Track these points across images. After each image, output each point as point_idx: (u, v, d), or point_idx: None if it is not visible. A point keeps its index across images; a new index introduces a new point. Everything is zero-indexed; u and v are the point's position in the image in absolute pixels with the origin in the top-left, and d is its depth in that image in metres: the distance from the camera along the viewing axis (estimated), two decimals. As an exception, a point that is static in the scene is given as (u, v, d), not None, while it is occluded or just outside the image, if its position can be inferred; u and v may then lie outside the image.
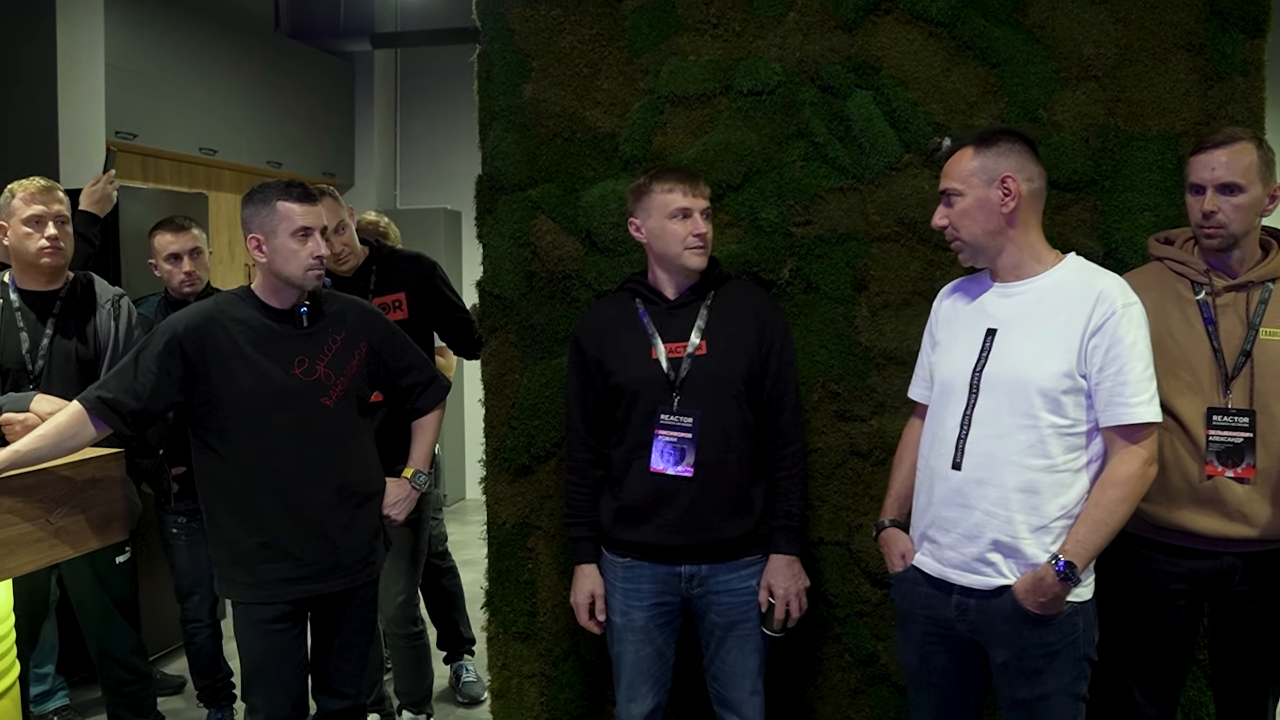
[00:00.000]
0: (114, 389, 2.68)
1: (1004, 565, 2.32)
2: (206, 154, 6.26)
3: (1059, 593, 2.25)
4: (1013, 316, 2.37)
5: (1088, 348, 2.27)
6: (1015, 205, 2.35)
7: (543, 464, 3.22)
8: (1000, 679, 2.38)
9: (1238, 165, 2.51)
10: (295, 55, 7.24)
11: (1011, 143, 2.38)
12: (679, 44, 3.07)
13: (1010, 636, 2.32)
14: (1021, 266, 2.39)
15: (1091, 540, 2.25)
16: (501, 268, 3.21)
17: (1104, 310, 2.27)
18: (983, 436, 2.33)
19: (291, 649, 2.83)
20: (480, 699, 4.40)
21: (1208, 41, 2.86)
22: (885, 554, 2.59)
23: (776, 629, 2.72)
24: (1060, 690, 2.32)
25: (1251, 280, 2.58)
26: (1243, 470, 2.51)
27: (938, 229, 2.45)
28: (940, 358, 2.50)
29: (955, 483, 2.36)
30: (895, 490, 2.64)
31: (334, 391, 2.79)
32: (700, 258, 2.68)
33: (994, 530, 2.31)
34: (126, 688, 3.55)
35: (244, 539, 2.75)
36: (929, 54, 2.95)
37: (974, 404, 2.36)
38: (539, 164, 3.17)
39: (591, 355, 2.75)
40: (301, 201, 2.72)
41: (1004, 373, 2.33)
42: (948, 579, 2.40)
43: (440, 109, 8.16)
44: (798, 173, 3.02)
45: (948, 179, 2.41)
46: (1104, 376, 2.26)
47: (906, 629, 2.54)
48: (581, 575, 2.80)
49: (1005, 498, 2.30)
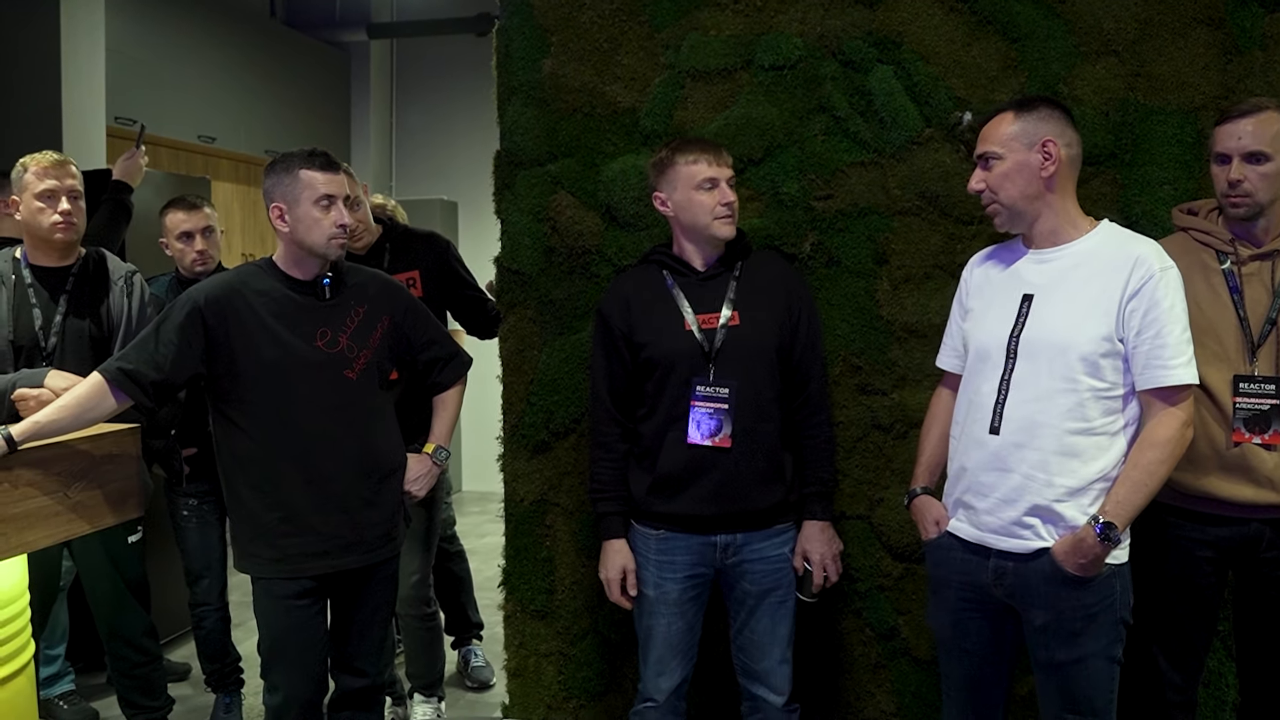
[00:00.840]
0: (134, 360, 2.65)
1: (1042, 528, 2.32)
2: (205, 141, 6.23)
3: (1099, 554, 2.25)
4: (1050, 282, 2.37)
5: (1125, 311, 2.28)
6: (1055, 169, 2.35)
7: (561, 440, 3.21)
8: (1037, 642, 2.38)
9: (1264, 134, 2.52)
10: (291, 45, 7.22)
11: (1051, 109, 2.38)
12: (699, 19, 3.07)
13: (1049, 598, 2.32)
14: (1058, 232, 2.40)
15: (1131, 501, 2.25)
16: (520, 243, 3.20)
17: (1142, 274, 2.27)
18: (1021, 401, 2.33)
19: (312, 626, 2.80)
20: (490, 683, 4.39)
21: (1227, 16, 2.88)
22: (919, 521, 2.59)
23: (814, 594, 2.73)
24: (1098, 653, 2.33)
25: (1276, 249, 2.59)
26: (1269, 437, 2.53)
27: (974, 193, 2.45)
28: (974, 325, 2.50)
29: (993, 447, 2.36)
30: (925, 458, 2.64)
31: (357, 364, 2.77)
32: (730, 226, 2.68)
33: (1033, 494, 2.31)
34: (137, 670, 3.52)
35: (265, 513, 2.72)
36: (950, 28, 2.96)
37: (1012, 369, 2.36)
38: (558, 139, 3.17)
39: (619, 329, 2.74)
40: (325, 170, 2.70)
41: (1043, 337, 2.33)
42: (985, 544, 2.40)
43: (436, 100, 8.14)
44: (819, 147, 3.02)
45: (986, 143, 2.41)
46: (1142, 340, 2.27)
47: (940, 596, 2.53)
48: (612, 550, 2.79)
49: (1045, 461, 2.30)
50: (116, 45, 5.46)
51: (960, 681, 2.53)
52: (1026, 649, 2.46)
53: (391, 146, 8.29)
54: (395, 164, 8.31)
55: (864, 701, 3.11)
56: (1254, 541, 2.59)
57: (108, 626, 3.47)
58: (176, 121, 6.05)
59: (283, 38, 7.17)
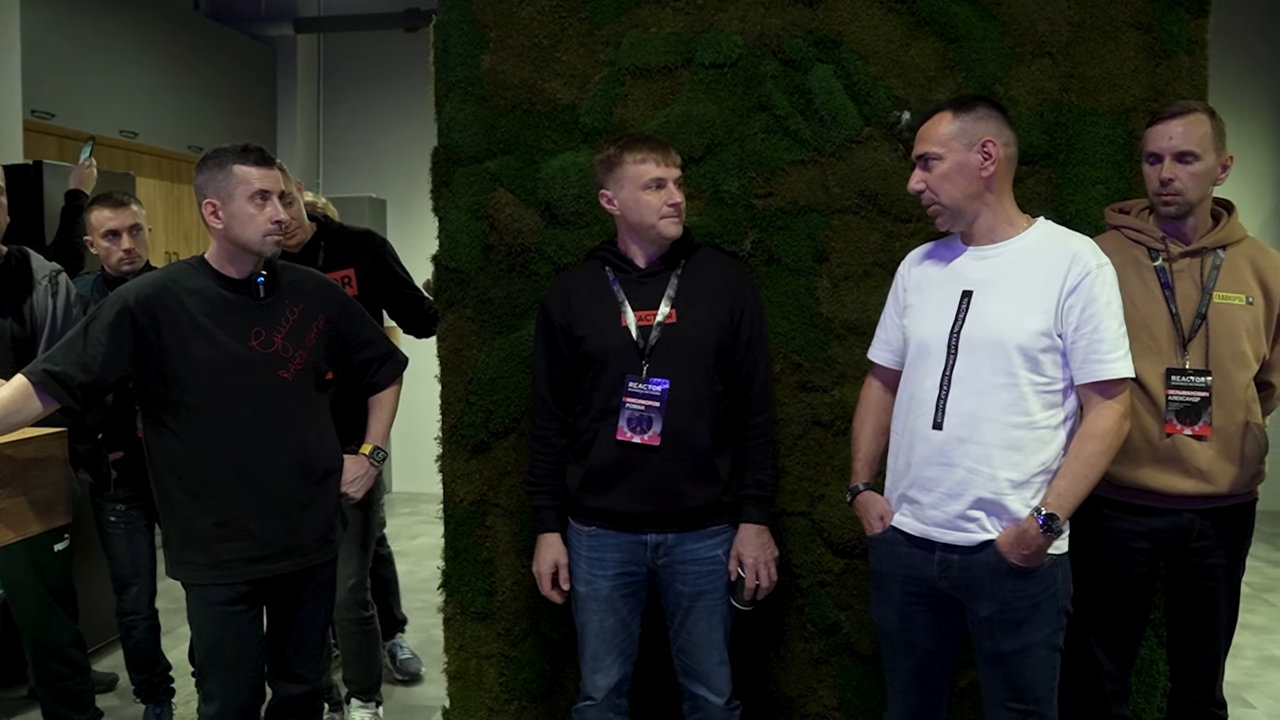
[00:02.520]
0: (61, 361, 2.57)
1: (987, 521, 2.37)
2: (127, 137, 6.09)
3: (1042, 544, 2.31)
4: (989, 278, 2.41)
5: (1064, 307, 2.33)
6: (995, 169, 2.39)
7: (501, 440, 3.18)
8: (981, 633, 2.42)
9: (1193, 134, 2.60)
10: (216, 38, 7.10)
11: (988, 108, 2.43)
12: (640, 16, 3.06)
13: (994, 590, 2.36)
14: (996, 230, 2.44)
15: (1072, 492, 2.31)
16: (458, 241, 3.17)
17: (1079, 270, 2.33)
18: (964, 395, 2.37)
19: (249, 632, 2.74)
20: (419, 674, 4.43)
21: (1155, 20, 2.94)
22: (863, 517, 2.60)
23: (746, 600, 2.72)
24: (1041, 642, 2.38)
25: (1205, 246, 2.67)
26: (1200, 428, 2.61)
27: (914, 193, 2.48)
28: (913, 320, 2.52)
29: (937, 442, 2.39)
30: (863, 454, 2.66)
31: (292, 364, 2.72)
32: (676, 226, 2.67)
33: (977, 487, 2.35)
34: (64, 682, 3.41)
35: (199, 518, 2.66)
36: (888, 29, 2.98)
37: (953, 364, 2.39)
38: (497, 136, 3.14)
39: (559, 323, 2.73)
40: (259, 165, 2.65)
41: (983, 333, 2.37)
42: (930, 537, 2.43)
43: (365, 96, 8.05)
44: (759, 145, 3.03)
45: (925, 143, 2.44)
46: (1080, 335, 2.32)
47: (884, 590, 2.55)
48: (544, 544, 2.78)
49: (988, 455, 2.34)
50: (34, 36, 5.31)
51: (905, 675, 2.56)
52: (969, 641, 2.50)
53: (319, 143, 8.18)
54: (323, 161, 8.20)
55: (806, 697, 3.13)
56: (1185, 532, 2.67)
57: (32, 637, 3.37)
58: (97, 116, 5.91)
59: (207, 31, 7.04)
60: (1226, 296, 2.66)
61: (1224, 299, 2.65)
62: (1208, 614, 2.76)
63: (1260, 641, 4.89)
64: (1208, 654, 2.80)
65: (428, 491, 3.27)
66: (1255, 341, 2.68)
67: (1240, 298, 2.67)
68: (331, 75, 8.18)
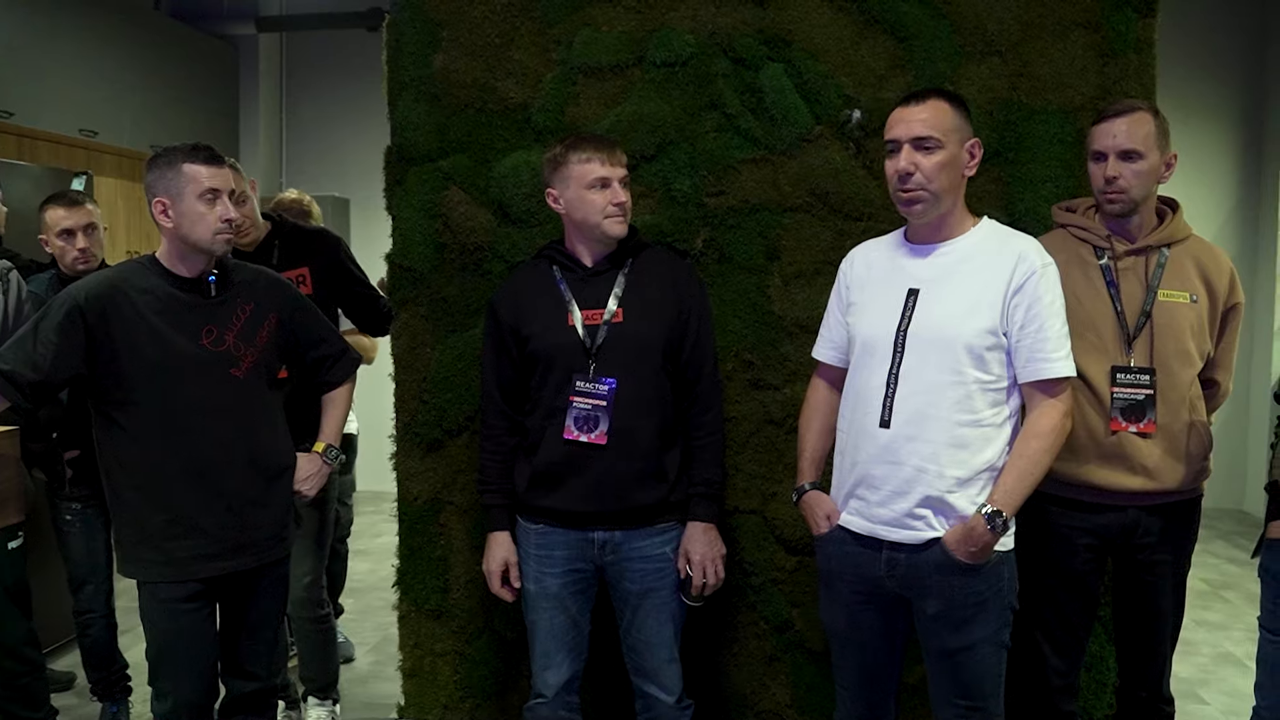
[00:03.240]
0: (11, 360, 2.56)
1: (934, 519, 2.36)
2: (87, 135, 6.05)
3: (989, 541, 2.31)
4: (935, 276, 2.41)
5: (1009, 306, 2.33)
6: (972, 172, 2.42)
7: (455, 438, 3.19)
8: (928, 630, 2.43)
9: (1137, 133, 2.62)
10: (177, 36, 7.05)
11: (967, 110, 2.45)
12: (591, 14, 3.07)
13: (941, 587, 2.37)
14: (949, 228, 2.44)
15: (1018, 490, 2.32)
16: (411, 240, 3.17)
17: (1024, 270, 2.34)
18: (910, 393, 2.36)
19: (201, 630, 2.74)
20: (351, 658, 4.52)
21: (1103, 20, 2.97)
22: (808, 517, 2.60)
23: (695, 597, 2.73)
24: (987, 639, 2.39)
25: (1150, 245, 2.69)
26: (1145, 425, 2.63)
27: (901, 174, 2.36)
28: (858, 318, 2.52)
29: (884, 440, 2.38)
30: (809, 453, 2.65)
31: (244, 363, 2.71)
32: (620, 225, 2.68)
33: (924, 485, 2.35)
34: (18, 680, 3.39)
35: (151, 515, 2.65)
36: (838, 28, 3.00)
37: (899, 362, 2.38)
38: (450, 135, 3.14)
39: (507, 322, 2.74)
40: (208, 163, 2.64)
41: (929, 331, 2.36)
42: (877, 535, 2.43)
43: (327, 95, 8.01)
44: (711, 144, 3.04)
45: (927, 127, 2.35)
46: (1025, 334, 2.33)
47: (832, 589, 2.55)
48: (494, 543, 2.79)
49: (935, 453, 2.34)
50: (-9, 34, 5.28)
51: (853, 673, 2.56)
52: (917, 638, 2.51)
53: (282, 142, 8.14)
54: (285, 159, 8.16)
55: (759, 694, 3.14)
56: (1131, 528, 2.69)
57: (-14, 636, 3.35)
58: (56, 114, 5.87)
59: (168, 29, 6.99)
60: (1171, 294, 2.68)
61: (1168, 297, 2.67)
62: (1154, 610, 2.79)
63: (1215, 638, 4.93)
64: (1155, 650, 2.82)
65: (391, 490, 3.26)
66: (1199, 339, 2.71)
67: (1185, 296, 2.69)
68: (294, 74, 8.15)
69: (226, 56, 7.63)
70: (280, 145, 8.13)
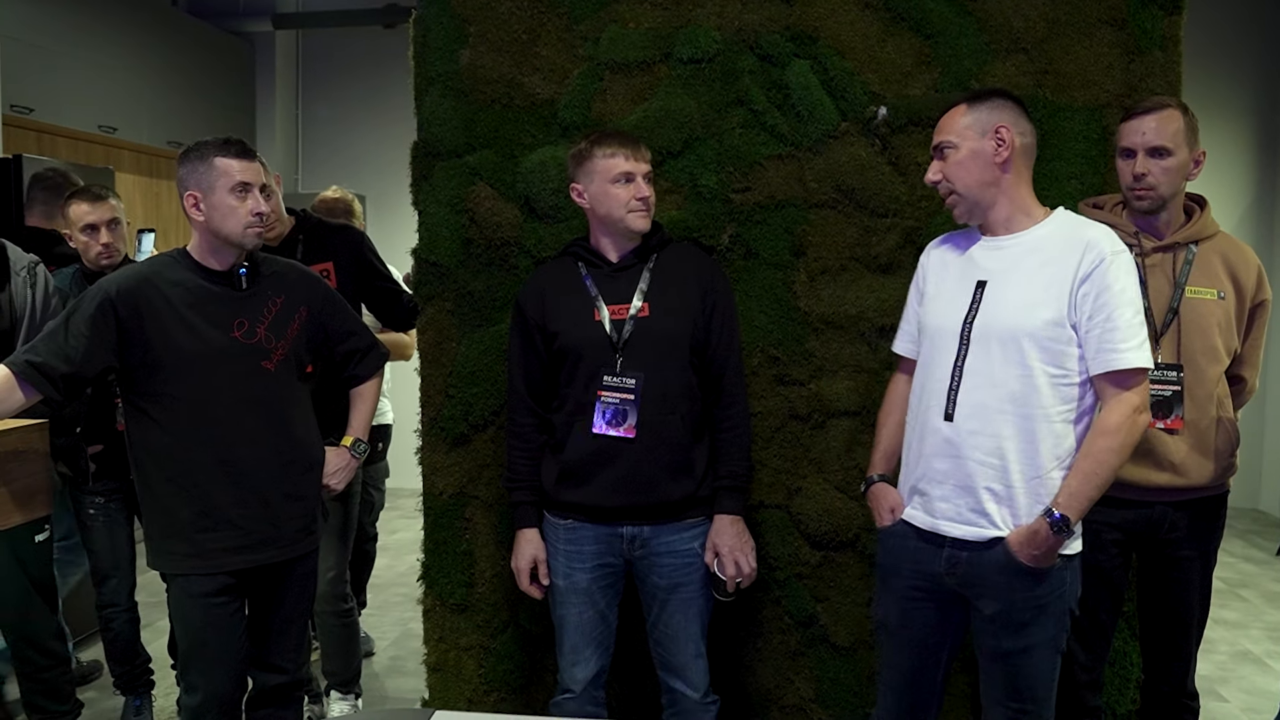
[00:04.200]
0: (43, 353, 2.57)
1: (997, 516, 2.32)
2: (106, 132, 6.08)
3: (1053, 546, 2.26)
4: (1003, 268, 2.38)
5: (1077, 295, 2.27)
6: (1009, 155, 2.37)
7: (480, 433, 3.20)
8: (985, 631, 2.39)
9: (1166, 130, 2.63)
10: (195, 34, 7.09)
11: (1003, 99, 2.41)
12: (618, 11, 3.08)
13: (1001, 589, 2.33)
14: (1012, 220, 2.41)
15: (1083, 492, 2.25)
16: (438, 235, 3.18)
17: (1093, 258, 2.28)
18: (975, 387, 2.33)
19: (231, 623, 2.75)
20: (371, 652, 4.51)
21: (1129, 17, 2.97)
22: (874, 508, 2.58)
23: (727, 592, 2.74)
24: (1044, 643, 2.34)
25: (1177, 241, 2.70)
26: (1172, 421, 2.64)
27: (931, 184, 2.45)
28: (928, 309, 2.50)
29: (947, 434, 2.36)
30: (882, 446, 2.64)
31: (275, 355, 2.73)
32: (644, 220, 2.69)
33: (987, 480, 2.32)
34: (44, 674, 3.42)
35: (181, 508, 2.67)
36: (865, 24, 3.00)
37: (965, 355, 2.36)
38: (476, 130, 3.15)
39: (534, 319, 2.75)
40: (240, 157, 2.66)
41: (995, 323, 2.33)
42: (939, 531, 2.40)
43: (343, 92, 8.05)
44: (737, 140, 3.05)
45: (941, 134, 2.42)
46: (1093, 324, 2.26)
47: (889, 584, 2.52)
48: (523, 540, 2.79)
49: (999, 447, 2.30)
50: (12, 31, 5.31)
51: (897, 673, 2.53)
52: (966, 643, 2.48)
53: (298, 139, 8.17)
54: (302, 157, 8.18)
55: (784, 689, 3.15)
56: (1157, 524, 2.69)
57: (13, 629, 3.37)
58: (76, 111, 5.91)
59: (186, 27, 7.03)
60: (1198, 291, 2.68)
61: (1196, 294, 2.68)
62: (1180, 606, 2.79)
63: (1234, 636, 4.93)
64: (1180, 646, 2.83)
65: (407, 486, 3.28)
66: (1226, 336, 2.71)
67: (1212, 292, 2.70)
68: (310, 71, 8.18)
69: (243, 53, 7.66)
70: (296, 142, 8.16)
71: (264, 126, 7.82)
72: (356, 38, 7.93)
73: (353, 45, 7.98)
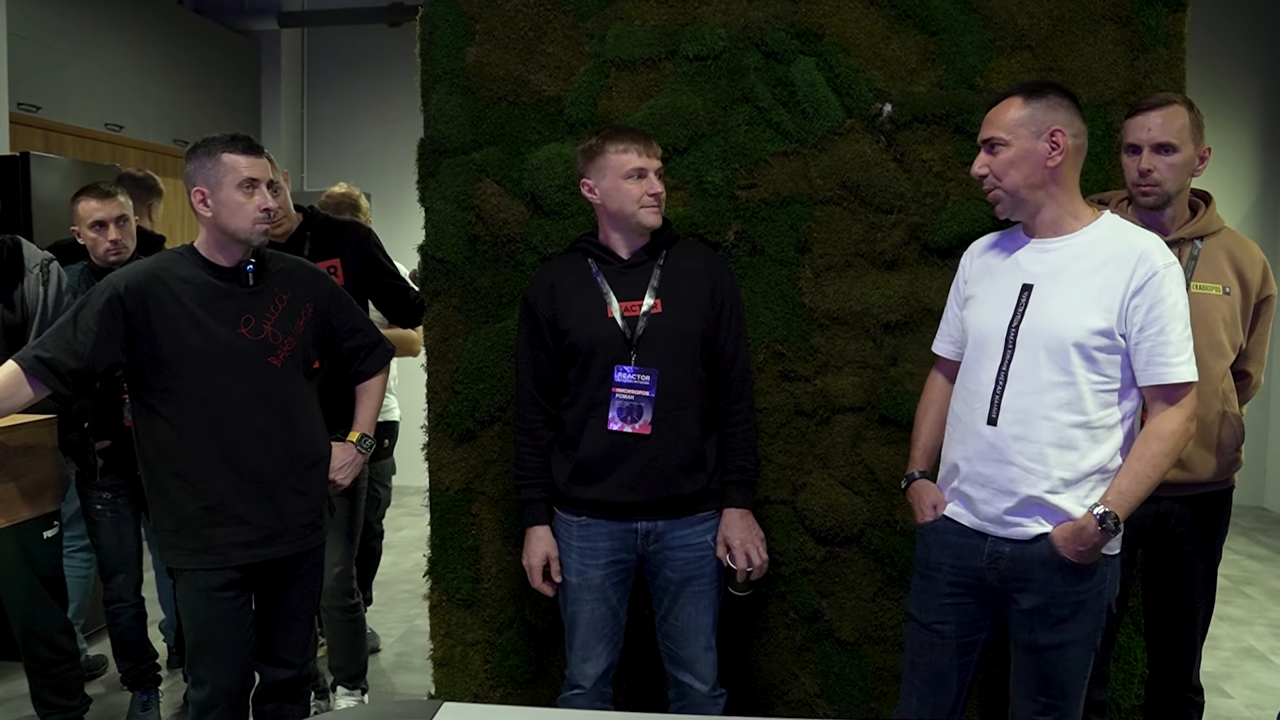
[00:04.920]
0: (52, 348, 2.59)
1: (1040, 518, 2.32)
2: (112, 130, 6.10)
3: (1098, 542, 2.26)
4: (1050, 272, 2.34)
5: (1129, 307, 2.26)
6: (1061, 159, 2.32)
7: (487, 429, 3.21)
8: (1022, 625, 2.38)
9: (1171, 126, 2.63)
10: (200, 32, 7.10)
11: (1060, 96, 2.35)
12: (624, 8, 3.09)
13: (1043, 583, 2.32)
14: (1060, 223, 2.37)
15: (1133, 492, 2.25)
16: (445, 231, 3.19)
17: (1146, 270, 2.25)
18: (1019, 392, 2.32)
19: (239, 617, 2.77)
20: (377, 649, 4.50)
21: (1134, 14, 2.97)
22: (915, 505, 2.57)
23: (741, 586, 2.75)
24: (1080, 640, 2.35)
25: (1183, 237, 2.71)
26: (1180, 417, 2.63)
27: (976, 177, 2.42)
28: (973, 312, 2.48)
29: (991, 438, 2.35)
30: (922, 442, 2.63)
31: (281, 351, 2.74)
32: (656, 216, 2.70)
33: (1030, 485, 2.31)
34: (53, 668, 3.43)
35: (189, 503, 2.68)
36: (870, 21, 3.01)
37: (1010, 359, 2.34)
38: (483, 127, 3.16)
39: (543, 315, 2.75)
40: (247, 153, 2.67)
41: (1041, 328, 2.31)
42: (984, 531, 2.40)
43: (348, 90, 8.06)
44: (742, 137, 3.06)
45: (992, 127, 2.37)
46: (1145, 336, 2.25)
47: (928, 579, 2.51)
48: (535, 537, 2.80)
49: (1042, 453, 2.29)
50: (19, 29, 5.32)
51: (925, 670, 2.52)
52: (1004, 637, 2.47)
53: (303, 137, 8.18)
54: (307, 154, 8.20)
55: (789, 684, 3.16)
56: (1163, 519, 2.70)
57: (22, 624, 3.38)
58: (82, 109, 5.93)
59: (191, 25, 7.04)
60: (1204, 287, 2.69)
61: (1201, 289, 2.69)
62: (1185, 600, 2.81)
63: (1238, 633, 4.94)
64: (1185, 640, 2.84)
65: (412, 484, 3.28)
66: (1232, 331, 2.72)
67: (1217, 288, 2.70)
68: (315, 69, 8.19)
69: (249, 52, 7.68)
70: (301, 140, 8.17)
71: (269, 125, 7.84)
72: (361, 36, 7.95)
73: (358, 44, 8.00)
